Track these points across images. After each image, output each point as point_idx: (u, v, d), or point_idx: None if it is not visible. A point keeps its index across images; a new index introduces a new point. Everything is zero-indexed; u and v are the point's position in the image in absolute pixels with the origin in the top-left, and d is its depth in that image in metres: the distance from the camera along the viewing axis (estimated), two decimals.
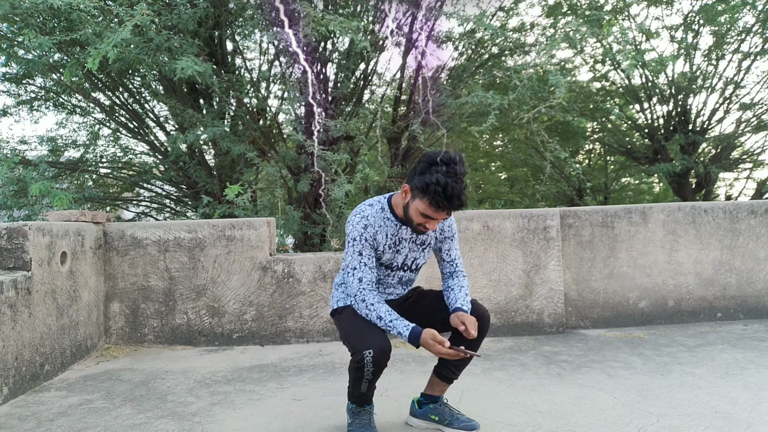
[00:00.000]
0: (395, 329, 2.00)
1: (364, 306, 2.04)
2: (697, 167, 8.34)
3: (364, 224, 2.07)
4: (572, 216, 3.99)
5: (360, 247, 2.06)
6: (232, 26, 5.84)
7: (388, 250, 2.13)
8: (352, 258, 2.07)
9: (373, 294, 2.05)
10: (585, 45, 6.54)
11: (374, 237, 2.08)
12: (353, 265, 2.07)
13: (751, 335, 3.61)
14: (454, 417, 2.23)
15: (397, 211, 2.11)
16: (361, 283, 2.05)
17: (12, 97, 6.49)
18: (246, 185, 5.01)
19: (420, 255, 2.21)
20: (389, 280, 2.22)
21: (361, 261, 2.06)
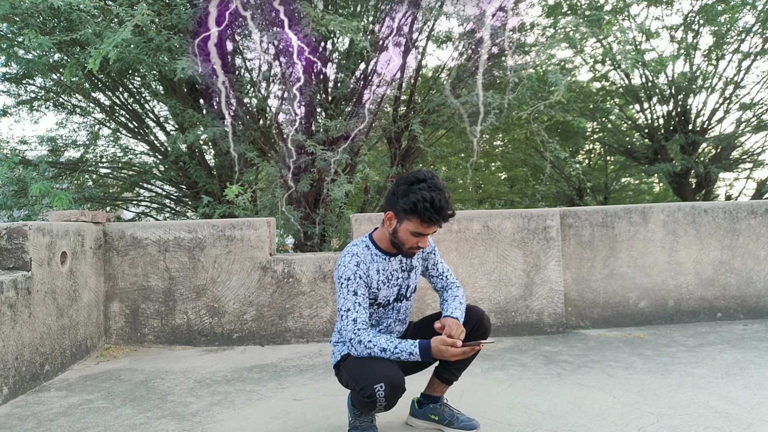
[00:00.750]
0: (404, 352, 1.93)
1: (363, 347, 1.96)
2: (697, 167, 8.34)
3: (356, 262, 2.04)
4: (572, 216, 3.99)
5: (354, 286, 2.01)
6: (232, 26, 5.83)
7: (383, 286, 2.10)
8: (345, 299, 2.01)
9: (368, 332, 1.98)
10: (585, 45, 6.54)
11: (367, 273, 2.05)
12: (347, 307, 2.00)
13: (751, 335, 3.61)
14: (454, 417, 2.24)
15: (381, 246, 2.10)
16: (356, 324, 1.98)
17: (12, 97, 6.50)
18: (246, 185, 5.01)
19: (411, 281, 2.21)
20: (389, 315, 2.18)
21: (355, 301, 2.01)
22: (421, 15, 5.96)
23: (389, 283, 2.13)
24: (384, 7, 6.06)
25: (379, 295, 2.10)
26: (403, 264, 2.17)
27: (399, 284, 2.17)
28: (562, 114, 6.38)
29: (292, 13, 5.04)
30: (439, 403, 2.28)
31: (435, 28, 6.85)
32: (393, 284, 2.14)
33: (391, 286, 2.14)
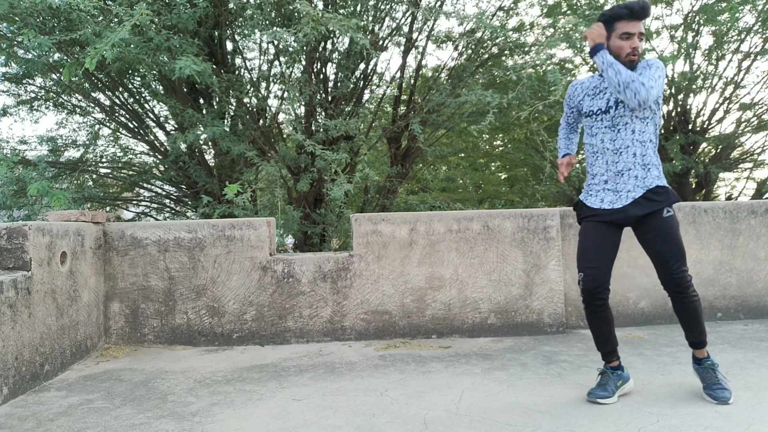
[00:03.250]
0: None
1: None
2: (697, 167, 8.34)
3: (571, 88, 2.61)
4: (572, 216, 3.98)
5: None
6: (232, 26, 5.84)
7: (586, 98, 2.52)
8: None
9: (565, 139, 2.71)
10: (585, 45, 6.54)
11: (571, 97, 2.64)
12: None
13: (751, 335, 3.61)
14: (708, 384, 2.42)
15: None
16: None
17: (12, 97, 6.50)
18: (246, 185, 5.01)
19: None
20: (598, 126, 2.46)
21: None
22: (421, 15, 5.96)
23: (593, 98, 2.49)
24: (384, 6, 6.06)
25: (584, 105, 2.53)
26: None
27: (607, 98, 2.44)
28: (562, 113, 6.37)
29: (292, 12, 5.04)
30: (702, 365, 2.47)
31: (435, 28, 6.85)
32: (599, 97, 2.47)
33: (594, 99, 2.48)
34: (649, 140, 2.42)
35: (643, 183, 2.40)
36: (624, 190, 2.42)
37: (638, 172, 2.40)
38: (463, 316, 3.80)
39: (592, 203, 2.49)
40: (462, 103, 5.65)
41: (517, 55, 7.04)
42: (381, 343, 3.65)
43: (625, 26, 2.26)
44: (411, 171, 7.98)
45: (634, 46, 2.26)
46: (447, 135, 8.91)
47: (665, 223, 2.37)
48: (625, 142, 2.40)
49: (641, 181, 2.40)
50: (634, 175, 2.40)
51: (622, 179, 2.41)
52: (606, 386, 2.44)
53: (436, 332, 3.78)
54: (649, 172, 2.41)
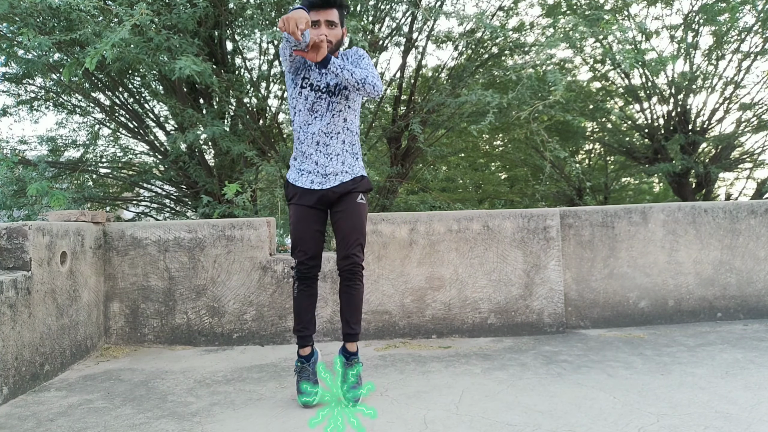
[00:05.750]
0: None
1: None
2: (697, 167, 8.34)
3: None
4: (572, 216, 3.99)
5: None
6: (232, 26, 5.84)
7: (314, 69, 2.50)
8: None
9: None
10: (584, 45, 6.54)
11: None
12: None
13: (751, 335, 3.61)
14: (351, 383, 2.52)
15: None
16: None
17: (12, 97, 6.50)
18: (246, 185, 5.01)
19: (328, 77, 2.51)
20: (319, 104, 2.51)
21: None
22: (421, 15, 5.96)
23: (321, 74, 2.52)
24: (384, 6, 6.06)
25: (309, 76, 2.50)
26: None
27: (327, 80, 2.51)
28: (562, 114, 6.38)
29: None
30: (350, 362, 2.60)
31: (435, 28, 6.85)
32: (323, 75, 2.52)
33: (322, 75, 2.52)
34: (356, 131, 2.63)
35: (351, 170, 2.59)
36: (332, 174, 2.56)
37: (346, 158, 2.58)
38: (463, 316, 3.80)
39: (302, 183, 2.59)
40: (462, 103, 5.65)
41: (517, 55, 7.04)
42: (381, 343, 3.65)
43: (313, 15, 2.39)
44: (411, 171, 7.98)
45: (320, 33, 2.36)
46: (447, 135, 8.91)
47: (357, 207, 2.56)
48: (337, 128, 2.54)
49: (349, 167, 2.59)
50: (342, 161, 2.57)
51: (331, 163, 2.55)
52: (309, 379, 2.55)
53: (436, 332, 3.78)
54: (357, 162, 2.63)
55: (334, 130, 2.54)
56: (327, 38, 2.37)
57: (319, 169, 2.56)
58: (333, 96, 2.53)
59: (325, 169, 2.56)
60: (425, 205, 6.66)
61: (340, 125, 2.55)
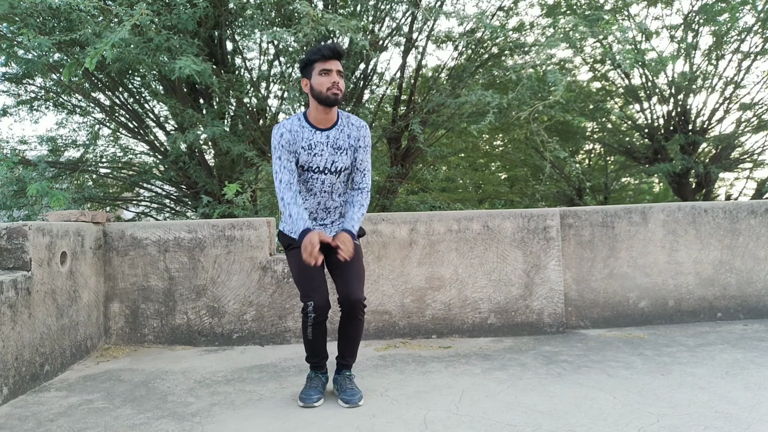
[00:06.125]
0: (295, 225, 2.42)
1: (283, 204, 2.46)
2: (697, 167, 8.34)
3: (280, 133, 2.47)
4: (572, 216, 3.99)
5: (279, 153, 2.47)
6: (232, 26, 5.84)
7: (303, 152, 2.49)
8: (275, 165, 2.48)
9: (291, 193, 2.46)
10: (584, 45, 6.54)
11: (290, 142, 2.47)
12: (276, 170, 2.47)
13: (751, 335, 3.61)
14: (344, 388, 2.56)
15: (310, 119, 2.52)
16: (281, 184, 2.46)
17: (12, 97, 6.49)
18: (246, 185, 5.01)
19: (338, 158, 2.54)
20: (315, 184, 2.54)
21: (281, 165, 2.46)
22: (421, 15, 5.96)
23: (311, 151, 2.50)
24: (384, 6, 6.06)
25: (301, 158, 2.50)
26: (331, 139, 2.53)
27: (325, 157, 2.52)
28: (561, 114, 6.38)
29: (292, 12, 5.04)
30: (341, 375, 2.63)
31: (435, 28, 6.85)
32: (316, 153, 2.51)
33: (313, 155, 2.51)
34: (345, 182, 2.66)
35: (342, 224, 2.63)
36: (329, 223, 2.64)
37: (342, 208, 2.65)
38: (463, 316, 3.80)
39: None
40: (462, 103, 5.65)
41: (517, 55, 7.04)
42: (381, 343, 3.65)
43: (321, 65, 2.43)
44: (411, 171, 7.98)
45: (333, 81, 2.42)
46: (447, 135, 8.91)
47: (355, 248, 2.53)
48: (338, 202, 2.63)
49: (340, 221, 2.66)
50: (340, 212, 2.65)
51: (329, 216, 2.63)
52: (317, 388, 2.59)
53: (436, 332, 3.78)
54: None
55: (335, 190, 2.60)
56: (338, 85, 2.44)
57: (319, 222, 2.62)
58: (336, 176, 2.56)
59: (324, 221, 2.62)
60: (425, 205, 6.66)
61: (341, 188, 2.61)
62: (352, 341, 2.61)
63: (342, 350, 2.64)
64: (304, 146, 2.49)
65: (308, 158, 2.50)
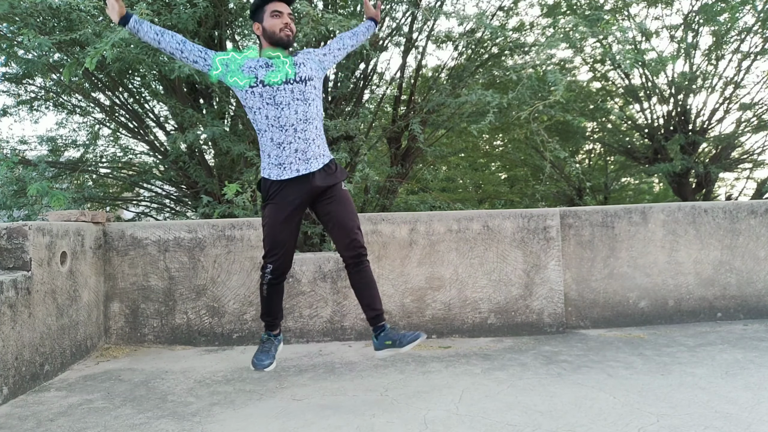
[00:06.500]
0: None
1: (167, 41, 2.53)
2: (697, 167, 8.34)
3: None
4: (572, 216, 3.99)
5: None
6: (232, 26, 5.84)
7: (261, 69, 2.51)
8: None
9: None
10: (584, 45, 6.54)
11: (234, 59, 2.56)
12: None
13: (751, 335, 3.61)
14: (401, 335, 2.51)
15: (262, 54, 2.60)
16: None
17: (12, 97, 6.49)
18: (246, 185, 5.00)
19: (300, 69, 2.56)
20: (285, 110, 2.51)
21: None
22: (421, 15, 5.96)
23: (268, 68, 2.52)
24: (384, 6, 6.06)
25: (258, 75, 2.50)
26: (289, 59, 2.58)
27: (284, 68, 2.53)
28: (562, 114, 6.37)
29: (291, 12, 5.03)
30: (386, 329, 2.56)
31: (435, 28, 6.85)
32: (273, 69, 2.52)
33: (271, 69, 2.52)
34: (322, 118, 2.68)
35: (326, 153, 2.63)
36: (313, 157, 2.56)
37: (320, 142, 2.62)
38: (463, 316, 3.80)
39: (288, 175, 2.55)
40: (462, 103, 5.65)
41: (517, 55, 7.04)
42: None
43: (273, 6, 2.53)
44: (411, 171, 7.98)
45: (285, 22, 2.53)
46: (447, 135, 8.91)
47: (345, 193, 2.59)
48: (312, 114, 2.58)
49: (324, 150, 2.62)
50: (318, 144, 2.59)
51: (311, 148, 2.56)
52: (269, 352, 2.64)
53: (436, 332, 3.78)
54: (326, 145, 2.67)
55: (310, 116, 2.57)
56: (290, 26, 2.55)
57: (300, 155, 2.55)
58: (303, 85, 2.56)
59: (306, 153, 2.56)
60: (425, 205, 6.66)
61: (314, 112, 2.59)
62: (372, 288, 2.58)
63: (368, 302, 2.58)
64: (261, 64, 2.53)
65: (267, 72, 2.51)
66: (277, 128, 2.54)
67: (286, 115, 2.53)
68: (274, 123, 2.54)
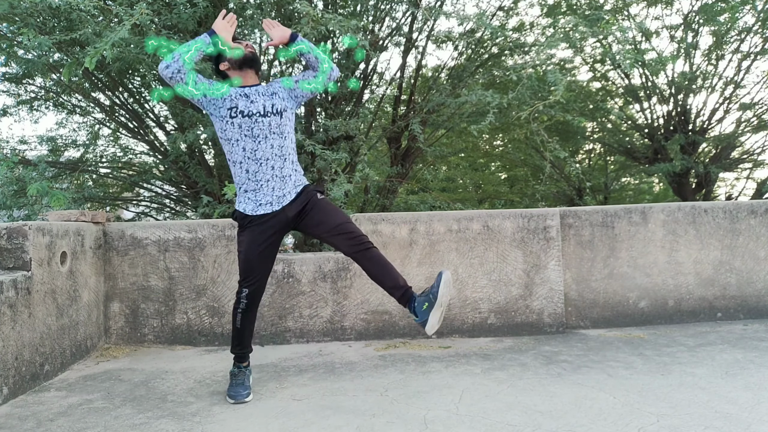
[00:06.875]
0: (197, 44, 2.52)
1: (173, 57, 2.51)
2: (697, 167, 8.34)
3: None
4: (572, 216, 3.99)
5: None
6: None
7: (241, 100, 2.55)
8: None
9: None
10: (584, 45, 6.54)
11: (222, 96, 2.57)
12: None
13: (751, 335, 3.61)
14: (427, 292, 2.46)
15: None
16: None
17: (12, 97, 6.49)
18: None
19: (275, 100, 2.59)
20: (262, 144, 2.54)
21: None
22: (421, 15, 5.96)
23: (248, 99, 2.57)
24: (384, 6, 6.06)
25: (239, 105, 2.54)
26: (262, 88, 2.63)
27: (260, 101, 2.57)
28: (562, 114, 6.37)
29: (292, 12, 5.04)
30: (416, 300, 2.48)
31: (435, 28, 6.85)
32: (253, 100, 2.57)
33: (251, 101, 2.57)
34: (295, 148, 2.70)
35: (299, 186, 2.64)
36: (286, 194, 2.59)
37: (296, 178, 2.64)
38: (463, 316, 3.80)
39: (262, 211, 2.58)
40: (462, 103, 5.65)
41: (517, 55, 7.04)
42: (381, 343, 3.65)
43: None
44: (411, 171, 7.98)
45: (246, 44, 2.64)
46: (447, 135, 8.90)
47: (323, 202, 2.61)
48: (287, 149, 2.61)
49: (296, 184, 2.63)
50: (293, 181, 2.62)
51: (286, 186, 2.59)
52: (243, 383, 2.65)
53: (436, 332, 3.78)
54: (301, 176, 2.68)
55: (285, 152, 2.59)
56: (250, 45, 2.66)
57: (277, 193, 2.58)
58: (279, 117, 2.58)
59: (282, 191, 2.59)
60: (425, 205, 6.66)
61: (289, 146, 2.62)
62: (387, 267, 2.55)
63: (391, 283, 2.53)
64: (241, 94, 2.57)
65: (247, 103, 2.55)
66: (253, 161, 2.56)
67: (262, 149, 2.55)
68: (251, 156, 2.55)
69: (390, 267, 2.55)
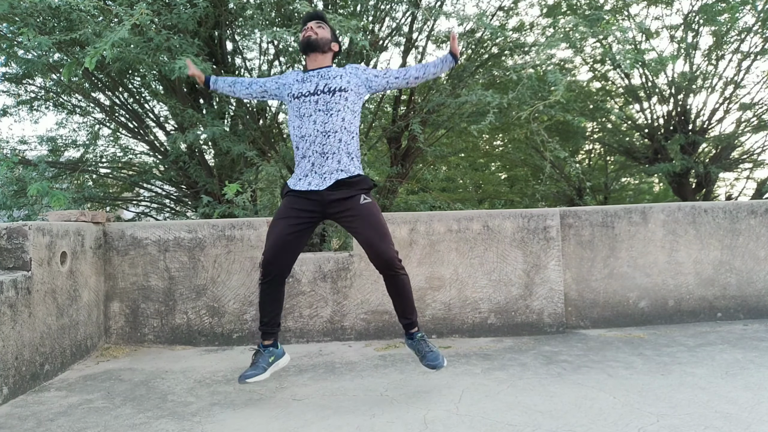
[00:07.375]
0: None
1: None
2: (697, 167, 8.35)
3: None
4: (572, 216, 3.99)
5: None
6: (232, 26, 5.84)
7: (296, 83, 2.68)
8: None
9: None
10: (584, 45, 6.54)
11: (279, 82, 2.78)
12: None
13: (751, 335, 3.61)
14: (424, 353, 2.61)
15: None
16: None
17: (12, 97, 6.49)
18: (246, 185, 5.00)
19: (331, 81, 2.63)
20: (306, 122, 2.58)
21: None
22: (421, 15, 5.96)
23: (302, 83, 2.66)
24: (384, 6, 6.06)
25: (293, 89, 2.66)
26: (322, 71, 2.68)
27: (314, 81, 2.64)
28: (562, 114, 6.38)
29: (292, 12, 5.04)
30: (414, 339, 2.65)
31: (435, 29, 6.85)
32: (306, 80, 2.66)
33: (304, 81, 2.66)
34: (354, 132, 2.65)
35: (347, 169, 2.59)
36: (327, 172, 2.57)
37: (342, 157, 2.59)
38: (463, 316, 3.80)
39: (301, 187, 2.60)
40: (462, 103, 5.65)
41: (517, 55, 7.04)
42: (381, 343, 3.65)
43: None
44: (411, 171, 7.98)
45: (307, 33, 2.68)
46: (447, 135, 8.90)
47: (364, 207, 2.56)
48: (334, 127, 2.57)
49: (344, 166, 2.59)
50: (338, 159, 2.58)
51: (327, 162, 2.57)
52: (257, 364, 2.59)
53: (436, 332, 3.78)
54: (353, 162, 2.62)
55: (329, 128, 2.57)
56: (313, 30, 2.67)
57: (316, 170, 2.58)
58: (330, 95, 2.59)
59: (321, 168, 2.57)
60: (425, 205, 6.66)
61: (338, 124, 2.58)
62: (402, 297, 2.61)
63: (398, 310, 2.66)
64: (297, 79, 2.68)
65: (299, 86, 2.65)
66: (299, 138, 2.61)
67: (306, 126, 2.58)
68: (297, 134, 2.61)
69: (405, 296, 2.61)
